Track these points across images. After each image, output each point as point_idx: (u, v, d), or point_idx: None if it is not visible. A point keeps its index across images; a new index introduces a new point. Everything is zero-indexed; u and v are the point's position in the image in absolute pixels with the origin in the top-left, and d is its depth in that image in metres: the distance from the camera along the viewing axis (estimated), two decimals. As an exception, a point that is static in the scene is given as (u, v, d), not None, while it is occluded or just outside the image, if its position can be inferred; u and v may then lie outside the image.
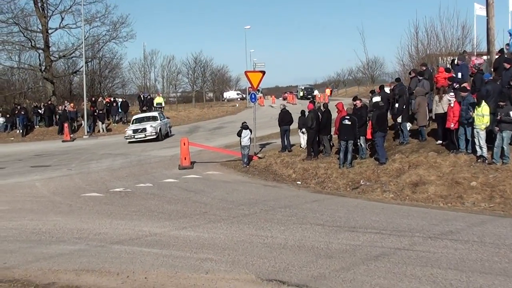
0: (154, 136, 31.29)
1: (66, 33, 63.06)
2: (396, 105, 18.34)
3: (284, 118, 23.10)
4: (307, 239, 10.41)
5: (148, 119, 33.57)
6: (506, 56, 17.93)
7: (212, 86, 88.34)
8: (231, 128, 36.00)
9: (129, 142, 31.12)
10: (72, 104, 40.34)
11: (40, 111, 41.60)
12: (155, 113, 35.20)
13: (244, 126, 21.31)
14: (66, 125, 36.32)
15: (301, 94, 75.05)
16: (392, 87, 20.03)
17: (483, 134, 14.72)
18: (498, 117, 14.27)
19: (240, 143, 21.36)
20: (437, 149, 16.64)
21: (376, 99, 19.09)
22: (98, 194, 16.95)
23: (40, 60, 47.11)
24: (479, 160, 14.85)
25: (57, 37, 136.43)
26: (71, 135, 36.34)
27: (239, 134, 21.18)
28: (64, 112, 38.43)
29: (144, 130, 31.47)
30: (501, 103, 14.47)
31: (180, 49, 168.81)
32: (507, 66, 16.43)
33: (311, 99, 36.74)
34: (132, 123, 33.44)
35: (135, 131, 31.53)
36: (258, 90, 32.04)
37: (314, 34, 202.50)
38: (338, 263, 8.78)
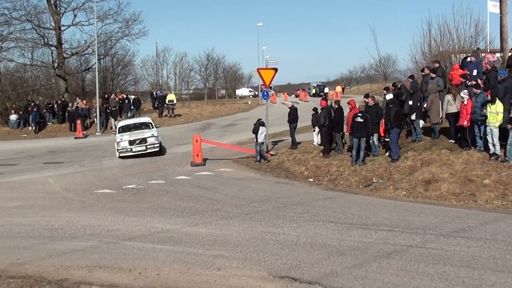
0: (157, 149, 24.61)
1: (78, 30, 64.07)
2: (410, 102, 18.23)
3: (295, 115, 23.22)
4: (319, 236, 10.44)
5: (139, 126, 26.57)
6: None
7: (225, 83, 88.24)
8: (243, 125, 35.99)
9: (122, 157, 24.30)
10: (84, 101, 40.58)
11: (52, 106, 41.79)
12: (146, 119, 28.57)
13: (261, 123, 21.33)
14: (78, 122, 36.50)
15: (314, 91, 74.95)
16: (399, 85, 19.89)
17: (496, 132, 14.63)
18: (511, 115, 14.18)
19: (257, 140, 21.34)
20: (449, 147, 16.57)
21: (389, 96, 19.04)
22: (110, 190, 17.08)
23: (52, 57, 47.44)
24: (492, 158, 14.77)
25: (70, 34, 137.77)
26: (84, 132, 36.53)
27: (255, 131, 21.13)
28: (77, 109, 38.64)
29: (143, 141, 24.33)
30: (515, 100, 14.39)
31: (193, 46, 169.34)
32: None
33: (324, 96, 36.63)
34: (119, 132, 25.80)
35: (131, 142, 24.26)
36: (271, 88, 31.68)
37: (327, 31, 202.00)
38: (350, 260, 8.81)
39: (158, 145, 24.50)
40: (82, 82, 55.05)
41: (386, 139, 18.44)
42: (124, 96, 43.66)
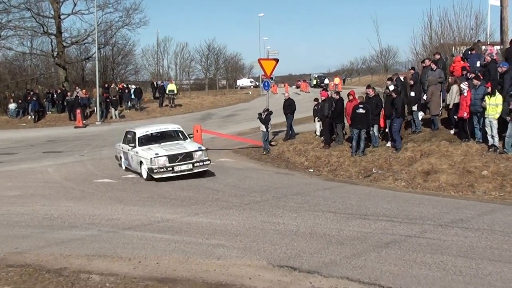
0: (206, 168, 17.25)
1: (78, 19, 63.79)
2: (412, 93, 18.24)
3: (292, 106, 23.31)
4: (318, 226, 10.54)
5: (168, 136, 18.63)
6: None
7: (225, 74, 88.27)
8: (244, 116, 36.05)
9: (157, 179, 16.58)
10: (84, 91, 40.51)
11: (51, 95, 41.71)
12: (175, 126, 19.69)
13: (271, 112, 21.45)
14: (78, 111, 36.46)
15: (315, 82, 74.91)
16: (395, 78, 19.93)
17: (495, 124, 14.71)
18: (511, 107, 14.24)
19: (267, 130, 21.39)
20: (449, 138, 16.64)
21: (391, 87, 19.07)
22: (110, 180, 17.16)
23: (52, 46, 47.19)
24: (490, 150, 14.85)
25: (70, 23, 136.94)
26: (84, 121, 36.53)
27: (267, 120, 21.18)
28: (76, 98, 38.58)
29: (188, 156, 16.85)
30: (513, 92, 14.45)
31: (194, 36, 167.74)
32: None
33: (324, 87, 36.61)
34: (141, 144, 17.80)
35: (172, 158, 16.66)
36: (271, 78, 31.55)
37: (328, 22, 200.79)
38: (349, 250, 8.91)
39: (208, 162, 17.19)
40: (82, 71, 54.90)
41: (386, 130, 18.47)
42: (124, 86, 43.63)
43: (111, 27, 49.30)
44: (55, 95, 41.45)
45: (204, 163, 16.98)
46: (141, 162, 17.12)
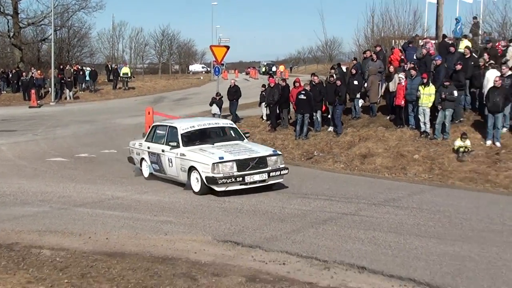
0: (282, 179, 12.31)
1: (35, 0, 61.38)
2: (356, 82, 18.51)
3: (238, 93, 23.33)
4: (262, 204, 10.68)
5: (216, 134, 13.88)
6: (448, 41, 18.57)
7: (178, 59, 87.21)
8: (195, 100, 35.78)
9: (218, 192, 11.59)
10: (39, 71, 39.32)
11: (7, 75, 40.30)
12: (226, 121, 15.87)
13: (222, 96, 21.69)
14: (33, 91, 35.36)
15: (263, 69, 75.02)
16: (336, 67, 20.23)
17: (428, 112, 15.16)
18: (443, 96, 14.67)
19: (220, 113, 21.37)
20: (385, 124, 17.01)
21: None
22: (63, 159, 16.82)
23: (8, 26, 45.51)
24: (422, 136, 15.31)
25: (27, 4, 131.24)
26: (38, 102, 35.49)
27: (221, 104, 21.14)
28: (31, 79, 37.42)
29: (262, 163, 11.89)
30: (446, 83, 14.88)
31: (148, 21, 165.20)
32: (452, 50, 17.01)
33: (272, 74, 36.69)
34: (186, 143, 12.60)
35: (241, 164, 11.66)
36: (222, 64, 31.35)
37: (278, 13, 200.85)
38: (289, 226, 9.07)
39: (286, 171, 12.20)
40: (38, 52, 53.18)
41: (328, 116, 18.70)
42: (79, 68, 42.59)
43: (67, 9, 47.86)
44: (10, 75, 40.07)
45: (281, 172, 12.10)
46: (191, 168, 12.08)
